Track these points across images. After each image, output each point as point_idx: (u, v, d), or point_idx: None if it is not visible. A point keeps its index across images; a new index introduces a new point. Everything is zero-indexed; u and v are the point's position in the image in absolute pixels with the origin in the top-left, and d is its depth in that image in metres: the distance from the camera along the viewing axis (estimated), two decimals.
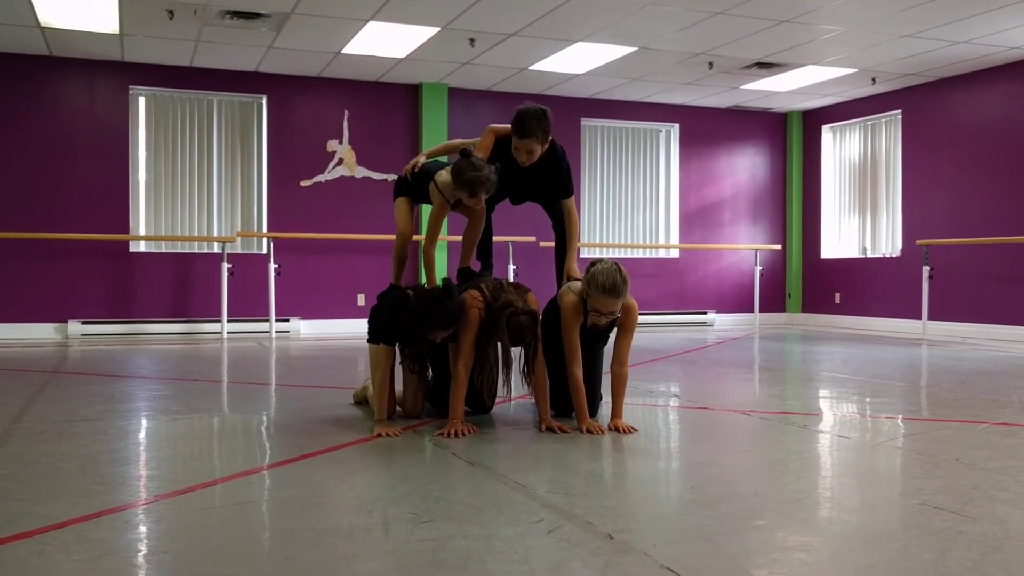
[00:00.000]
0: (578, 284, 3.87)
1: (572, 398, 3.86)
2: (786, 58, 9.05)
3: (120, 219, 9.38)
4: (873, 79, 10.00)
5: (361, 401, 4.50)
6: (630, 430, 3.75)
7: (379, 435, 3.63)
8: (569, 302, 3.82)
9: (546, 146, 4.16)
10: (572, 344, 3.82)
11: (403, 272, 4.29)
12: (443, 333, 3.70)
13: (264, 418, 4.28)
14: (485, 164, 3.95)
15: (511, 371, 3.84)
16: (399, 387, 4.18)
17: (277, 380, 5.97)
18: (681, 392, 5.26)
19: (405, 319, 3.71)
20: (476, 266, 4.38)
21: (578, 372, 3.81)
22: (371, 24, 7.85)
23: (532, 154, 4.12)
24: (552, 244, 4.59)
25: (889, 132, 10.94)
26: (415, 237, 4.52)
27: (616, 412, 3.85)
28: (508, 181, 4.25)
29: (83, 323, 9.11)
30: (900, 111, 10.59)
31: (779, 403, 4.74)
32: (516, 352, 3.84)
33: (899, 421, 4.15)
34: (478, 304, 3.71)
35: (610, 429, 3.77)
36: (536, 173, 4.25)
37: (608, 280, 3.64)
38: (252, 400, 4.92)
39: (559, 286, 4.20)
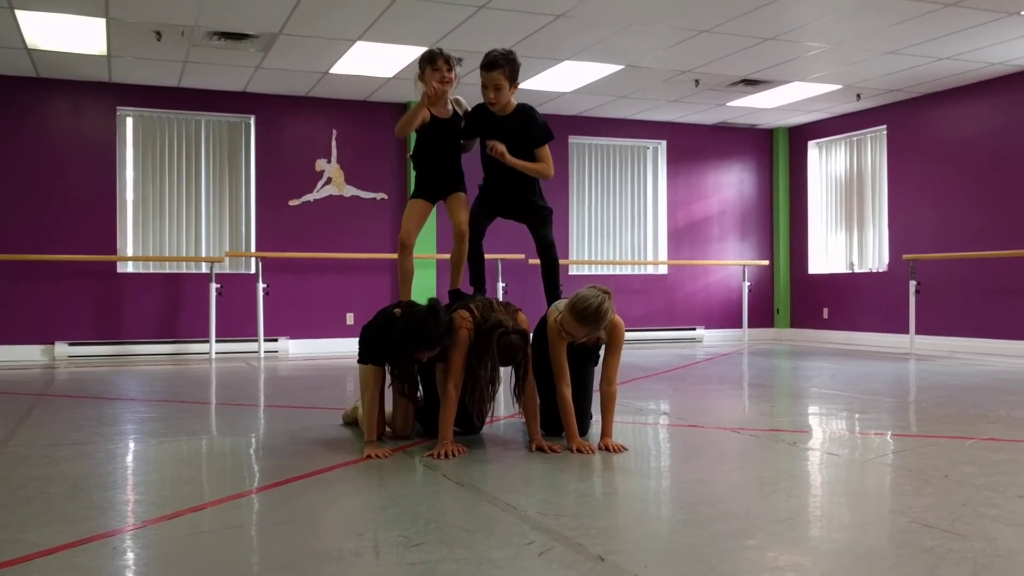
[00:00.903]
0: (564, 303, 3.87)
1: (561, 418, 3.86)
2: (772, 75, 9.13)
3: (108, 240, 9.35)
4: (858, 95, 10.08)
5: (351, 422, 4.48)
6: (620, 449, 3.75)
7: (369, 456, 3.61)
8: (556, 321, 3.83)
9: (515, 89, 4.17)
10: (560, 363, 3.82)
11: (410, 287, 4.28)
12: (430, 353, 3.70)
13: (253, 440, 4.26)
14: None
15: (497, 390, 3.83)
16: (388, 407, 4.17)
17: (266, 401, 5.95)
18: (671, 410, 5.27)
19: (392, 339, 3.70)
20: (468, 291, 4.38)
21: (566, 391, 3.81)
22: (359, 44, 7.87)
23: (500, 91, 4.12)
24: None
25: (874, 147, 11.03)
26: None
27: (606, 431, 3.85)
28: (490, 164, 4.34)
29: (70, 344, 9.06)
30: (885, 127, 10.67)
31: (769, 420, 4.75)
32: (505, 371, 3.84)
33: (888, 437, 4.16)
34: (467, 324, 3.71)
35: (600, 448, 3.77)
36: (512, 128, 4.21)
37: (581, 306, 3.60)
38: (241, 422, 4.90)
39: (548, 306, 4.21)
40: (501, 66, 4.08)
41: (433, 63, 4.15)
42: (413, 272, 4.41)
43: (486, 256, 4.64)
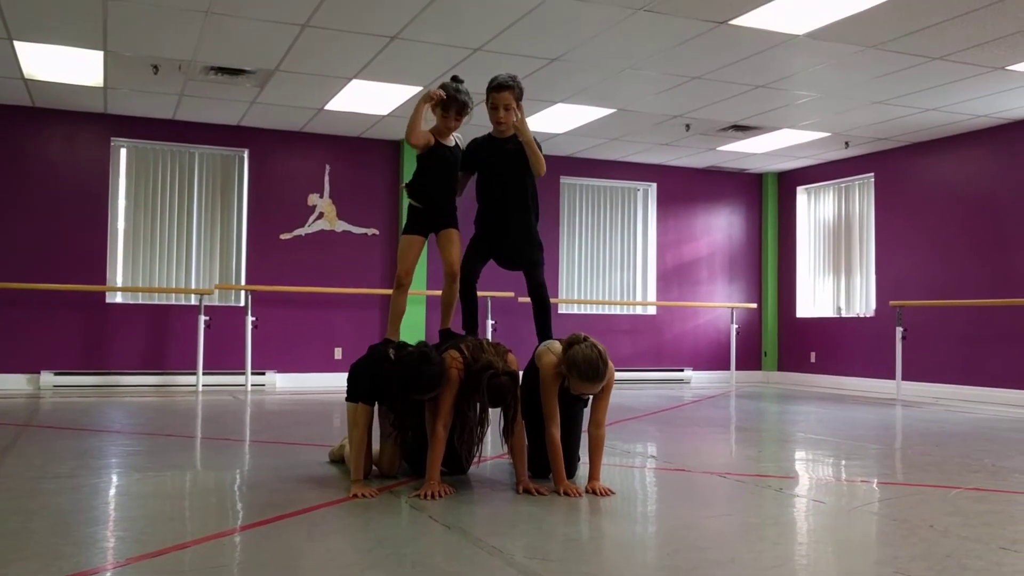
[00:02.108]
0: (557, 345, 3.89)
1: (549, 459, 3.85)
2: (762, 121, 9.25)
3: (98, 269, 9.33)
4: (846, 143, 10.21)
5: (337, 460, 4.46)
6: (607, 492, 3.75)
7: (355, 496, 3.60)
8: (548, 363, 3.84)
9: (520, 113, 4.35)
10: (550, 406, 3.83)
11: (399, 325, 4.29)
12: (423, 397, 3.70)
13: (237, 476, 4.23)
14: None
15: (486, 432, 3.83)
16: (375, 446, 4.16)
17: (252, 436, 5.92)
18: (658, 453, 5.27)
19: (386, 384, 3.71)
20: (460, 332, 4.38)
21: (556, 433, 3.82)
22: (354, 82, 7.95)
23: (509, 111, 4.30)
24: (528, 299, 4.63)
25: (862, 194, 11.15)
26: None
27: (593, 474, 3.85)
28: (488, 208, 4.49)
29: (56, 374, 9.00)
30: (873, 174, 10.80)
31: (755, 465, 4.76)
32: (494, 413, 3.85)
33: (874, 485, 4.17)
34: (457, 364, 3.72)
35: (587, 491, 3.77)
36: (514, 147, 4.37)
37: (589, 368, 3.66)
38: (226, 457, 4.87)
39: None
40: (511, 87, 4.33)
41: (445, 110, 4.36)
42: (405, 311, 4.42)
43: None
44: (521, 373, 3.96)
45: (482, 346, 3.81)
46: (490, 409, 3.81)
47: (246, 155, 9.97)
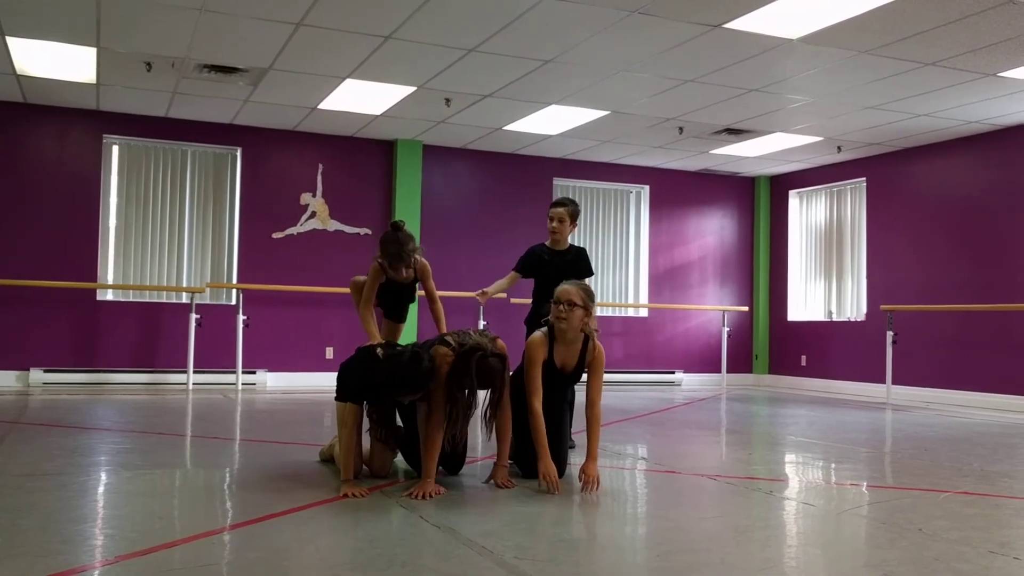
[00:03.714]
0: (543, 329, 3.99)
1: (532, 433, 3.90)
2: (755, 125, 9.27)
3: (88, 267, 9.29)
4: (839, 147, 10.25)
5: (328, 459, 4.46)
6: (595, 485, 3.80)
7: (346, 495, 3.59)
8: (535, 338, 3.94)
9: (573, 227, 5.17)
10: (533, 379, 3.89)
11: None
12: (412, 397, 3.70)
13: (228, 475, 4.22)
14: (410, 238, 4.18)
15: (472, 415, 3.85)
16: (366, 446, 4.16)
17: (242, 435, 5.91)
18: (648, 455, 5.27)
19: (375, 384, 3.71)
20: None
21: (538, 406, 3.87)
22: (348, 81, 7.94)
23: (563, 223, 5.03)
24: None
25: (854, 199, 11.19)
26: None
27: (591, 453, 3.91)
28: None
29: (45, 371, 8.96)
30: (865, 179, 10.84)
31: (745, 468, 4.77)
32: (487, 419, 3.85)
33: (864, 488, 4.18)
34: (448, 359, 3.73)
35: (580, 476, 3.85)
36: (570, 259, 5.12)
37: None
38: (216, 455, 4.86)
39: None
40: (566, 204, 5.10)
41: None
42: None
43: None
44: (511, 375, 3.98)
45: (469, 334, 3.84)
46: (481, 396, 3.83)
47: (239, 154, 9.95)
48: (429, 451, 3.74)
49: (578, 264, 5.14)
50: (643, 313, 11.73)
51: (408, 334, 9.23)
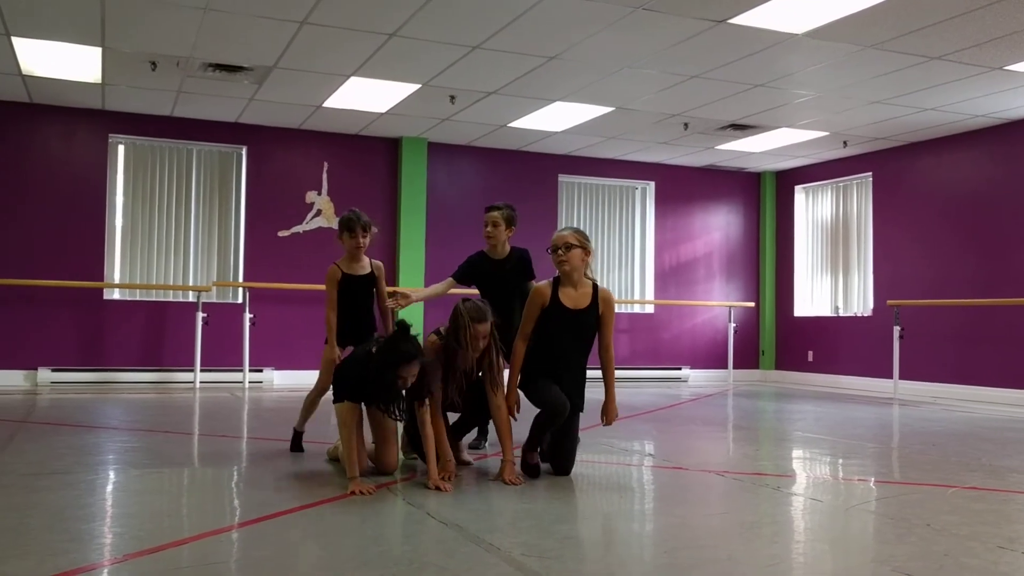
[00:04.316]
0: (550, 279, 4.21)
1: (510, 370, 4.13)
2: (760, 120, 9.25)
3: (95, 266, 9.32)
4: (844, 142, 10.22)
5: (335, 458, 4.47)
6: (613, 419, 4.15)
7: (353, 493, 3.60)
8: (539, 284, 4.19)
9: (510, 232, 4.95)
10: (526, 321, 4.11)
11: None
12: (412, 369, 3.76)
13: (235, 473, 4.23)
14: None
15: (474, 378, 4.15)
16: (370, 446, 4.18)
17: (249, 433, 5.92)
18: (655, 451, 5.27)
19: (373, 368, 3.77)
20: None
21: (521, 348, 4.09)
22: (353, 79, 7.94)
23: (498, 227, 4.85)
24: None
25: (860, 194, 11.15)
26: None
27: (609, 395, 4.15)
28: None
29: (53, 371, 8.99)
30: (871, 173, 10.81)
31: (753, 463, 4.76)
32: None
33: (871, 484, 4.17)
34: (436, 346, 4.04)
35: (602, 421, 4.13)
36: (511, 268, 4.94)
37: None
38: (223, 454, 4.87)
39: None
40: (500, 208, 4.90)
41: (351, 231, 4.66)
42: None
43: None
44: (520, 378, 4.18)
45: (457, 309, 4.05)
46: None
47: (244, 152, 9.96)
48: (428, 448, 3.88)
49: (518, 272, 4.94)
50: (649, 309, 11.72)
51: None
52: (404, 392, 3.86)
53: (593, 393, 4.29)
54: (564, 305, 4.09)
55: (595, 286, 4.19)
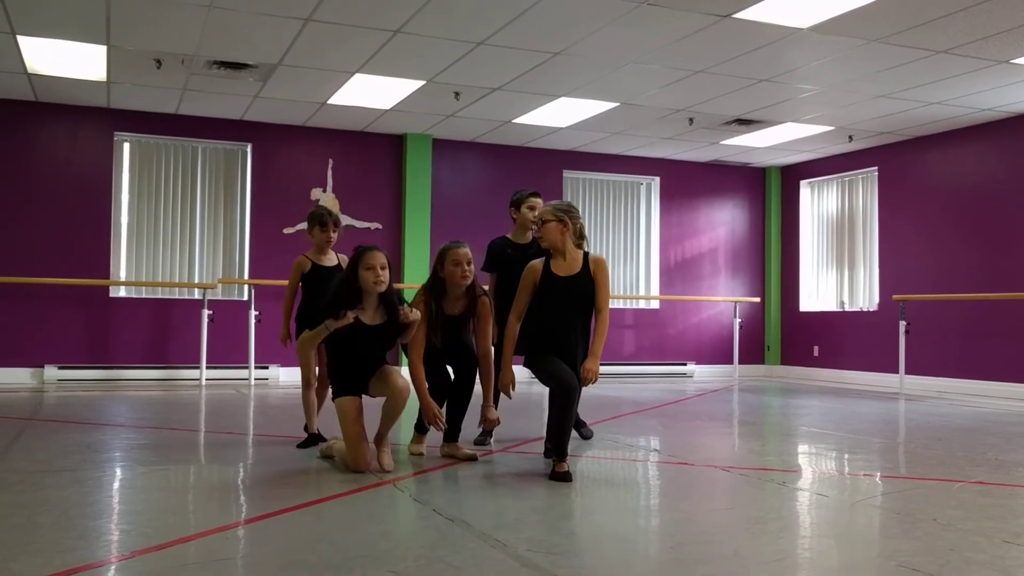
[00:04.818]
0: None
1: (503, 346, 4.28)
2: (765, 115, 9.23)
3: (101, 264, 9.34)
4: (850, 137, 10.19)
5: (328, 457, 4.45)
6: (595, 378, 4.08)
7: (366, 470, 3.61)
8: (532, 262, 4.29)
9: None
10: (519, 297, 4.25)
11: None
12: (379, 258, 4.03)
13: (242, 470, 4.24)
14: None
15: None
16: (372, 446, 4.20)
17: (255, 430, 5.93)
18: (661, 446, 5.27)
19: (323, 308, 4.07)
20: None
21: (515, 325, 4.24)
22: (357, 76, 7.94)
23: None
24: None
25: (866, 188, 11.13)
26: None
27: (594, 351, 4.14)
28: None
29: (60, 368, 9.01)
30: (876, 168, 10.78)
31: (758, 459, 4.76)
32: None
33: (877, 479, 4.17)
34: (422, 297, 4.37)
35: (581, 372, 4.09)
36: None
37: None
38: (230, 451, 4.88)
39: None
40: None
41: (323, 225, 5.09)
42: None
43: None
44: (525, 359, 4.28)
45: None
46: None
47: (249, 149, 9.97)
48: (419, 393, 4.19)
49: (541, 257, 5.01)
50: (654, 305, 11.71)
51: None
52: (384, 296, 4.08)
53: (606, 390, 4.32)
54: (556, 274, 4.21)
55: (586, 254, 4.29)
